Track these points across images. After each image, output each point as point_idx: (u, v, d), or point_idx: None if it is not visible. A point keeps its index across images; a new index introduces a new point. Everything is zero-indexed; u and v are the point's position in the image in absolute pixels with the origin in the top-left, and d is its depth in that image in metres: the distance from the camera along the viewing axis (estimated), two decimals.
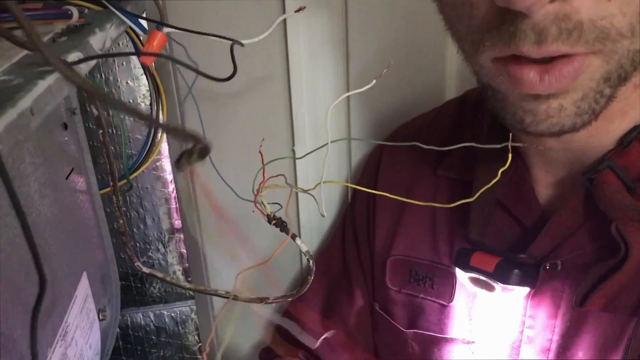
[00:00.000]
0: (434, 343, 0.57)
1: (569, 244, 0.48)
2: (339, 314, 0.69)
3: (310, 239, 0.81)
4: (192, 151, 0.29)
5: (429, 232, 0.59)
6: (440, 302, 0.57)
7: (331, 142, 0.44)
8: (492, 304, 0.53)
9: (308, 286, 0.44)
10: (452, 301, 0.56)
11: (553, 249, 0.49)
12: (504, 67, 0.41)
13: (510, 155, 0.43)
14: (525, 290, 0.50)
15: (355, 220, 0.70)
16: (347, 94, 0.71)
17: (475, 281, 0.52)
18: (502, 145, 0.45)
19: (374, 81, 0.58)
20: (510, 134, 0.46)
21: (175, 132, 0.27)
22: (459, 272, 0.54)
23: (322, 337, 0.48)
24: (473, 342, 0.55)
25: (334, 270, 0.72)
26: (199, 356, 0.93)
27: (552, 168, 0.51)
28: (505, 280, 0.49)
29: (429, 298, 0.58)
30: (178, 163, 0.30)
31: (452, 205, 0.44)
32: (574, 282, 0.48)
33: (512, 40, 0.38)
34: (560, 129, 0.42)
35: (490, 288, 0.51)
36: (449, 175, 0.59)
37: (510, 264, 0.49)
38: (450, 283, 0.56)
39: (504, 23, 0.38)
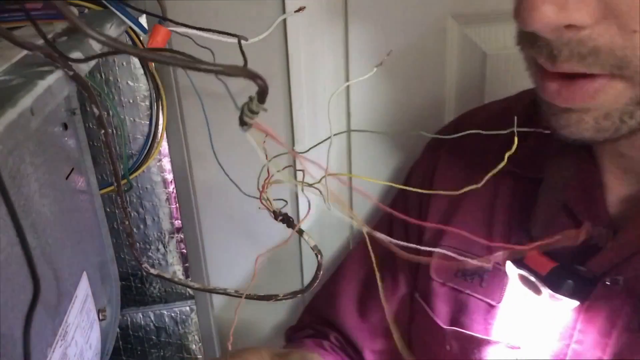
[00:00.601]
0: (474, 344, 0.54)
1: (634, 262, 0.45)
2: (379, 299, 0.67)
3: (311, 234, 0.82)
4: (250, 99, 0.27)
5: (484, 227, 0.57)
6: (488, 301, 0.54)
7: (334, 135, 0.44)
8: (541, 310, 0.50)
9: (317, 281, 0.43)
10: (500, 302, 0.53)
11: (615, 265, 0.46)
12: (536, 67, 0.41)
13: (516, 139, 0.42)
14: (574, 303, 0.47)
15: (408, 205, 0.67)
16: (347, 83, 0.71)
17: (524, 280, 0.49)
18: (508, 131, 0.44)
19: (375, 69, 0.58)
20: (515, 118, 0.44)
21: (224, 70, 0.25)
22: (509, 267, 0.50)
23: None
24: (518, 347, 0.52)
25: (376, 256, 0.71)
26: (199, 356, 0.92)
27: (626, 178, 0.48)
28: (555, 289, 0.46)
29: (475, 295, 0.55)
30: (242, 121, 0.28)
31: (458, 192, 0.41)
32: (635, 302, 0.45)
33: (531, 49, 0.39)
34: (580, 138, 0.41)
35: (538, 291, 0.48)
36: (515, 170, 0.55)
37: (565, 273, 0.46)
38: (501, 283, 0.53)
39: (529, 33, 0.39)
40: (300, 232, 0.43)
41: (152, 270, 0.45)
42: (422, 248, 0.42)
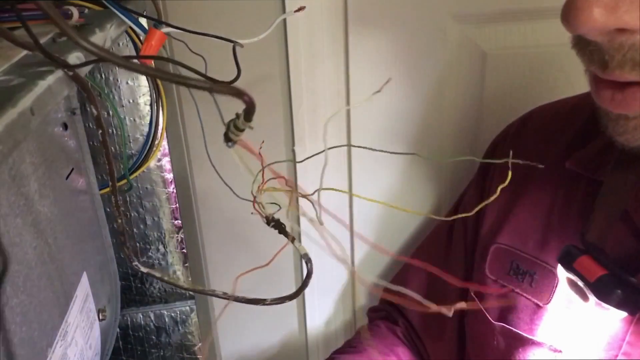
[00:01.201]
0: (519, 342, 0.54)
1: None
2: (442, 294, 0.67)
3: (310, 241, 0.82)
4: (236, 116, 0.26)
5: (540, 227, 0.56)
6: (536, 301, 0.54)
7: (329, 148, 0.44)
8: (588, 316, 0.49)
9: (306, 288, 0.43)
10: (548, 303, 0.53)
11: None
12: (589, 73, 0.40)
13: (510, 173, 0.40)
14: (622, 313, 0.45)
15: (467, 197, 0.68)
16: (346, 107, 0.71)
17: (572, 284, 0.48)
18: (502, 161, 0.43)
19: (372, 95, 0.58)
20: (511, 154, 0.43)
21: (211, 87, 0.23)
22: (559, 269, 0.50)
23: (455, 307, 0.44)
24: (560, 351, 0.51)
25: (439, 250, 0.72)
26: (199, 356, 0.93)
27: None
28: (602, 297, 0.44)
29: (524, 295, 0.55)
30: (227, 137, 0.28)
31: (473, 211, 0.40)
32: None
33: (583, 55, 0.38)
34: (637, 145, 0.40)
35: (585, 297, 0.47)
36: (578, 170, 0.53)
37: (614, 283, 0.44)
38: (550, 284, 0.53)
39: (580, 37, 0.38)
40: (292, 240, 0.43)
41: (142, 268, 0.45)
42: None
